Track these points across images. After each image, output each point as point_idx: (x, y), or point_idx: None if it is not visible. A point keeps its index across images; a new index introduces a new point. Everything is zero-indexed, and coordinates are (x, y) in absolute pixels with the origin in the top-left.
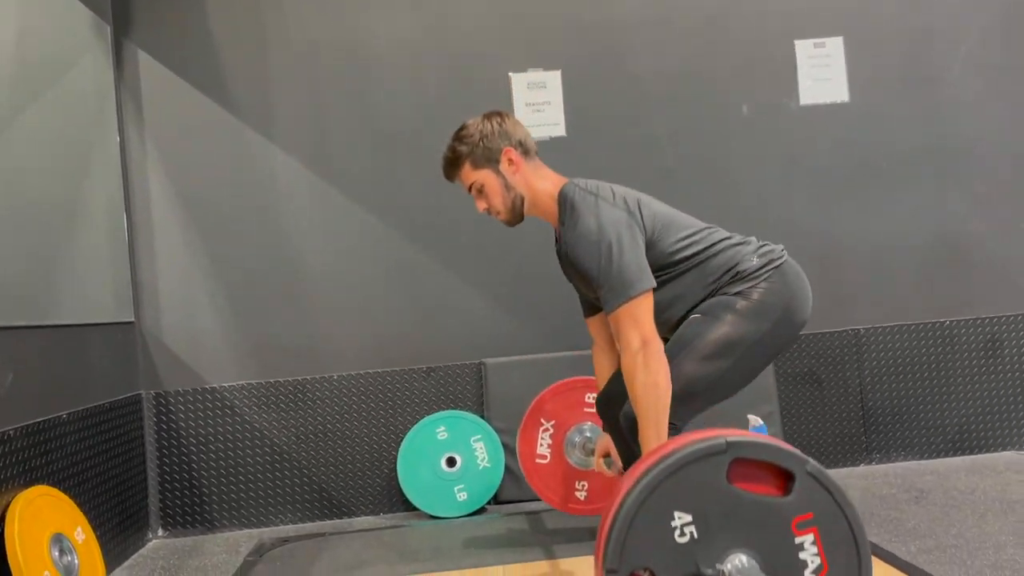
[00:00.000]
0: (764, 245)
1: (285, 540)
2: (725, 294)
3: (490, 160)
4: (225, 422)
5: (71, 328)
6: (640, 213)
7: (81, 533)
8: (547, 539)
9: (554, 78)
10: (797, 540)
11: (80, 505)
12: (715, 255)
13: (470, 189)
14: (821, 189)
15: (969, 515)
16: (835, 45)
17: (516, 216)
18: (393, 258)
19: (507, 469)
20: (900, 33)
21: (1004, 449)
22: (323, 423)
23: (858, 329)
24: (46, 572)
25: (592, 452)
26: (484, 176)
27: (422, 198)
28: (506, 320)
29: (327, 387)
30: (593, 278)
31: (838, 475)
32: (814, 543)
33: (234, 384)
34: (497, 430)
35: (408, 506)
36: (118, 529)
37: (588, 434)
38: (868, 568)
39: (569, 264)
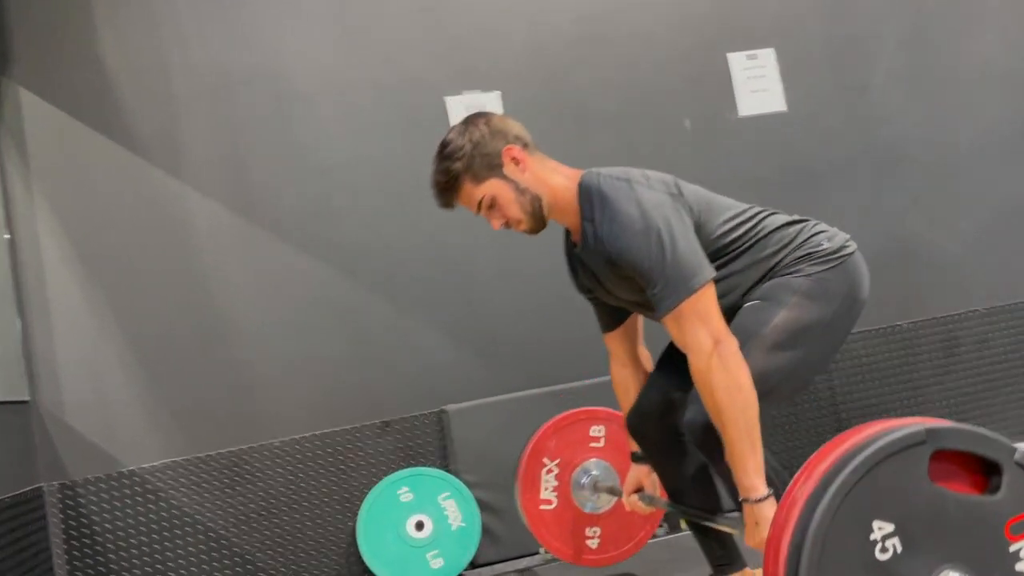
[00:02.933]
0: (828, 229)
1: None
2: (784, 275)
3: (492, 167)
4: (148, 510)
5: None
6: (681, 193)
7: None
8: None
9: (493, 100)
10: (1012, 547)
11: None
12: (768, 234)
13: (479, 208)
14: (765, 198)
15: None
16: (767, 56)
17: (539, 221)
18: (334, 303)
19: (484, 528)
20: (827, 42)
21: None
22: (266, 499)
23: None
24: None
25: (604, 491)
26: (491, 187)
27: (361, 234)
28: (465, 361)
29: (268, 456)
30: (645, 274)
31: None
32: None
33: (156, 464)
34: (467, 484)
35: None
36: None
37: (595, 472)
38: None
39: (600, 264)
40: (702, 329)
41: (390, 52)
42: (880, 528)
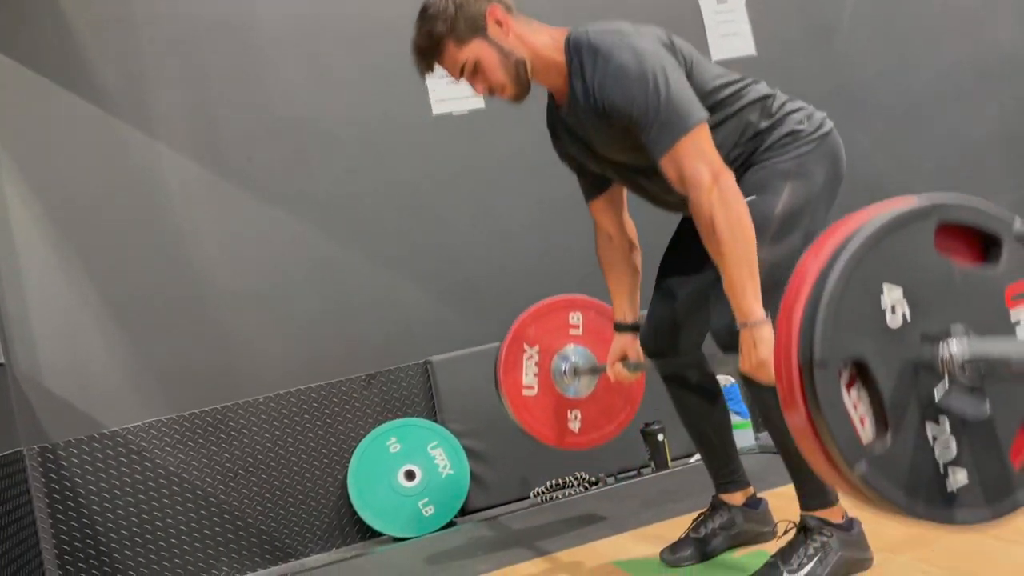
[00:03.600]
0: (804, 107)
1: None
2: (770, 159)
3: (476, 29)
4: (132, 471)
5: None
6: (673, 43)
7: None
8: (530, 538)
9: None
10: (1014, 316)
11: None
12: (752, 102)
13: (460, 73)
14: None
15: None
16: (737, 2)
17: (523, 86)
18: (312, 257)
19: (472, 475)
20: None
21: None
22: (253, 455)
23: None
24: None
25: (585, 373)
26: (474, 50)
27: (337, 186)
28: (448, 311)
29: (252, 413)
30: (639, 118)
31: None
32: None
33: (138, 424)
34: (454, 433)
35: (367, 532)
36: None
37: (574, 358)
38: None
39: (588, 121)
40: (701, 164)
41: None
42: (889, 292)
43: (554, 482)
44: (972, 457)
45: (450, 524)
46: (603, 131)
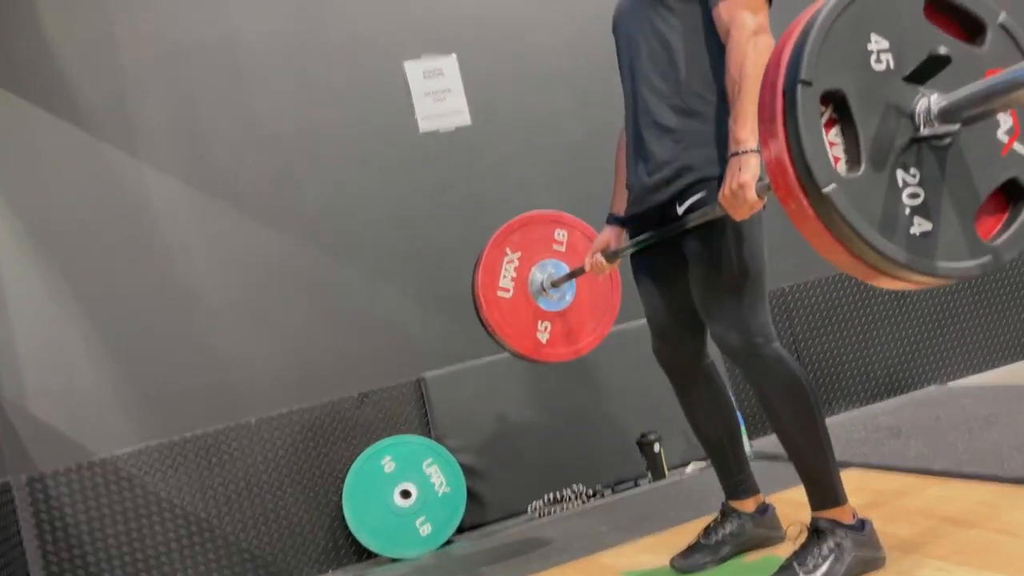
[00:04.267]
0: None
1: None
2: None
3: None
4: (123, 498)
5: None
6: None
7: None
8: (533, 553)
9: (451, 63)
10: None
11: None
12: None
13: None
14: None
15: (956, 429)
16: None
17: None
18: (302, 275)
19: (469, 492)
20: None
21: (928, 384)
22: (246, 479)
23: (784, 288)
24: None
25: (560, 284)
26: None
27: (325, 202)
28: (440, 326)
29: (245, 435)
30: None
31: None
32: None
33: (130, 451)
34: (450, 449)
35: (364, 554)
36: None
37: (552, 270)
38: None
39: None
40: (749, 15)
41: (346, 17)
42: (877, 41)
43: (552, 496)
44: (937, 211)
45: (448, 542)
46: (651, 7)
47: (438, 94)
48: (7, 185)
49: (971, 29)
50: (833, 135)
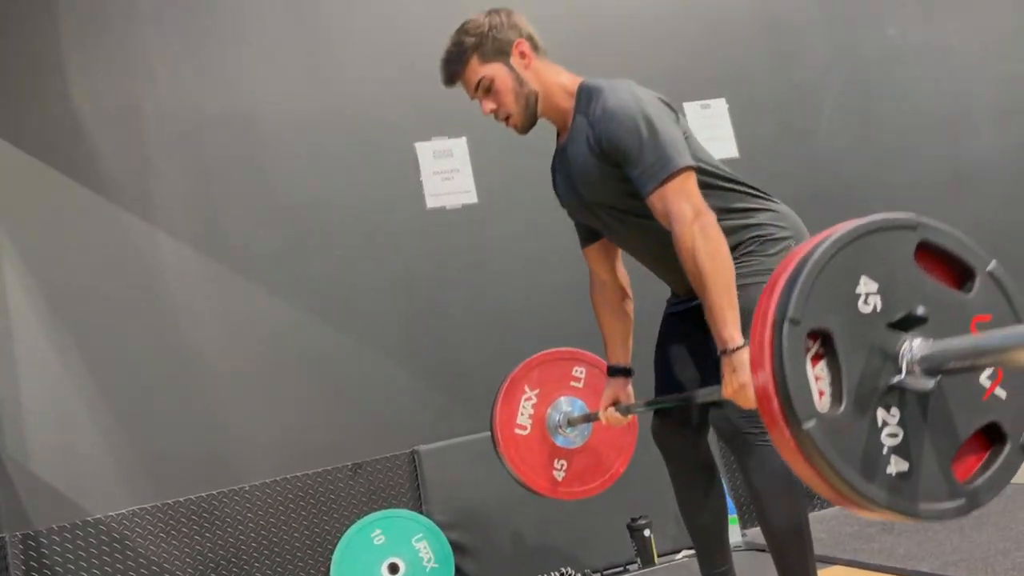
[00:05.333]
0: (780, 209)
1: None
2: (742, 252)
3: (500, 53)
4: (114, 559)
5: None
6: (675, 109)
7: None
8: None
9: (459, 145)
10: None
11: None
12: (737, 192)
13: (476, 88)
14: None
15: (948, 526)
16: (719, 105)
17: (529, 117)
18: (304, 344)
19: (457, 568)
20: (775, 91)
21: None
22: (236, 545)
23: None
24: None
25: (578, 421)
26: (494, 71)
27: (332, 274)
28: (437, 400)
29: (238, 501)
30: (629, 153)
31: None
32: None
33: (124, 512)
34: (440, 525)
35: None
36: None
37: (570, 408)
38: None
39: (582, 159)
40: (685, 203)
41: (361, 97)
42: (866, 284)
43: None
44: (916, 452)
45: None
46: (592, 171)
47: (447, 173)
48: (25, 246)
49: (961, 275)
50: (820, 369)
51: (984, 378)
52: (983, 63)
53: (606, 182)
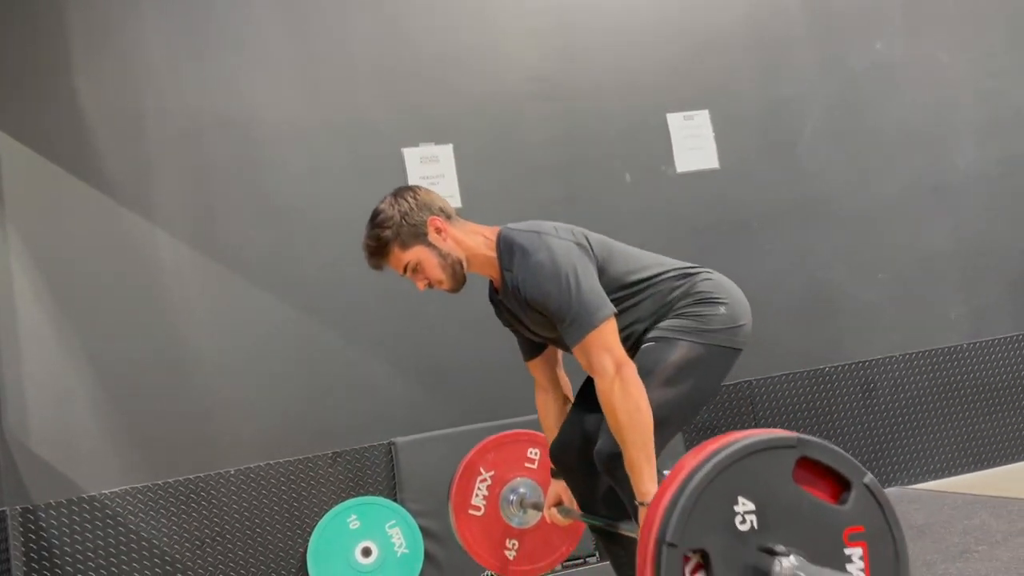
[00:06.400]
0: (713, 277)
1: None
2: (677, 317)
3: (418, 236)
4: (107, 535)
5: None
6: (587, 241)
7: None
8: None
9: (446, 152)
10: (847, 551)
11: None
12: (664, 280)
13: (404, 271)
14: (699, 246)
15: None
16: (703, 117)
17: (459, 281)
18: (291, 338)
19: (427, 555)
20: (758, 104)
21: (889, 486)
22: (221, 524)
23: (750, 380)
24: None
25: (530, 506)
26: (416, 254)
27: (319, 272)
28: (415, 395)
29: (224, 484)
30: (554, 312)
31: None
32: (862, 557)
33: (117, 490)
34: (412, 513)
35: None
36: None
37: (524, 490)
38: None
39: (518, 307)
40: (606, 356)
41: (353, 104)
42: (744, 504)
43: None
44: None
45: None
46: (528, 315)
47: (432, 179)
48: (31, 240)
49: (838, 486)
50: None
51: None
52: (970, 78)
53: (548, 323)
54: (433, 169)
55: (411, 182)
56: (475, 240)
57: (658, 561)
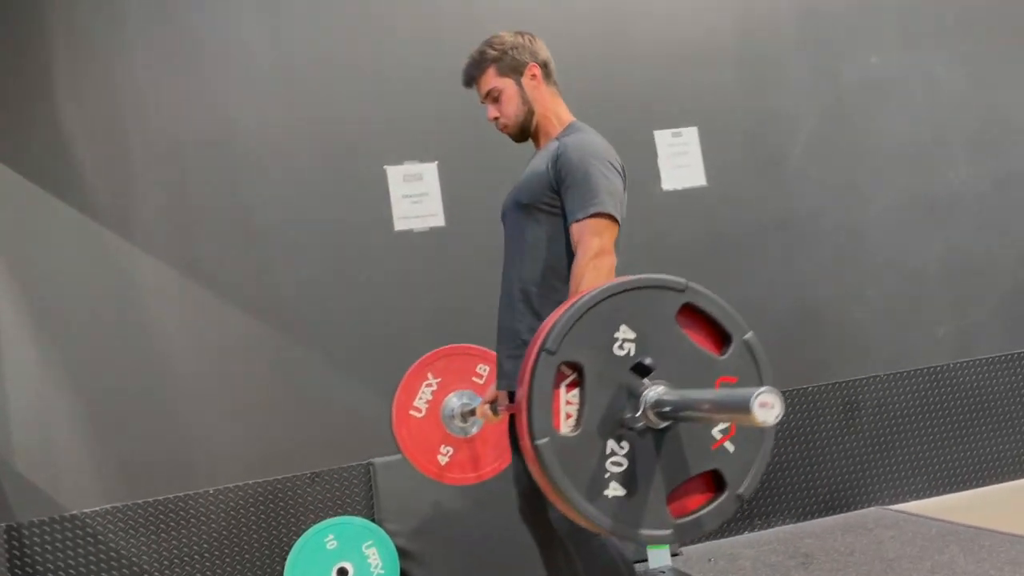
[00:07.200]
0: None
1: None
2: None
3: (515, 71)
4: (88, 553)
5: None
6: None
7: None
8: None
9: (430, 170)
10: None
11: None
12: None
13: (487, 96)
14: (686, 263)
15: (868, 563)
16: (690, 134)
17: (523, 131)
18: (271, 359)
19: (403, 574)
20: (746, 121)
21: (870, 505)
22: (200, 544)
23: None
24: None
25: (468, 413)
26: (505, 84)
27: (299, 291)
28: None
29: (203, 503)
30: (577, 179)
31: (725, 544)
32: None
33: (98, 509)
34: (390, 533)
35: None
36: None
37: (466, 400)
38: (767, 451)
39: (539, 162)
40: (596, 239)
41: (336, 123)
42: (625, 332)
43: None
44: (634, 483)
45: None
46: (533, 177)
47: (415, 197)
48: (13, 260)
49: (720, 339)
50: (572, 395)
51: (716, 431)
52: (966, 93)
53: (535, 185)
54: (417, 187)
55: (394, 200)
56: (559, 109)
57: (536, 365)
